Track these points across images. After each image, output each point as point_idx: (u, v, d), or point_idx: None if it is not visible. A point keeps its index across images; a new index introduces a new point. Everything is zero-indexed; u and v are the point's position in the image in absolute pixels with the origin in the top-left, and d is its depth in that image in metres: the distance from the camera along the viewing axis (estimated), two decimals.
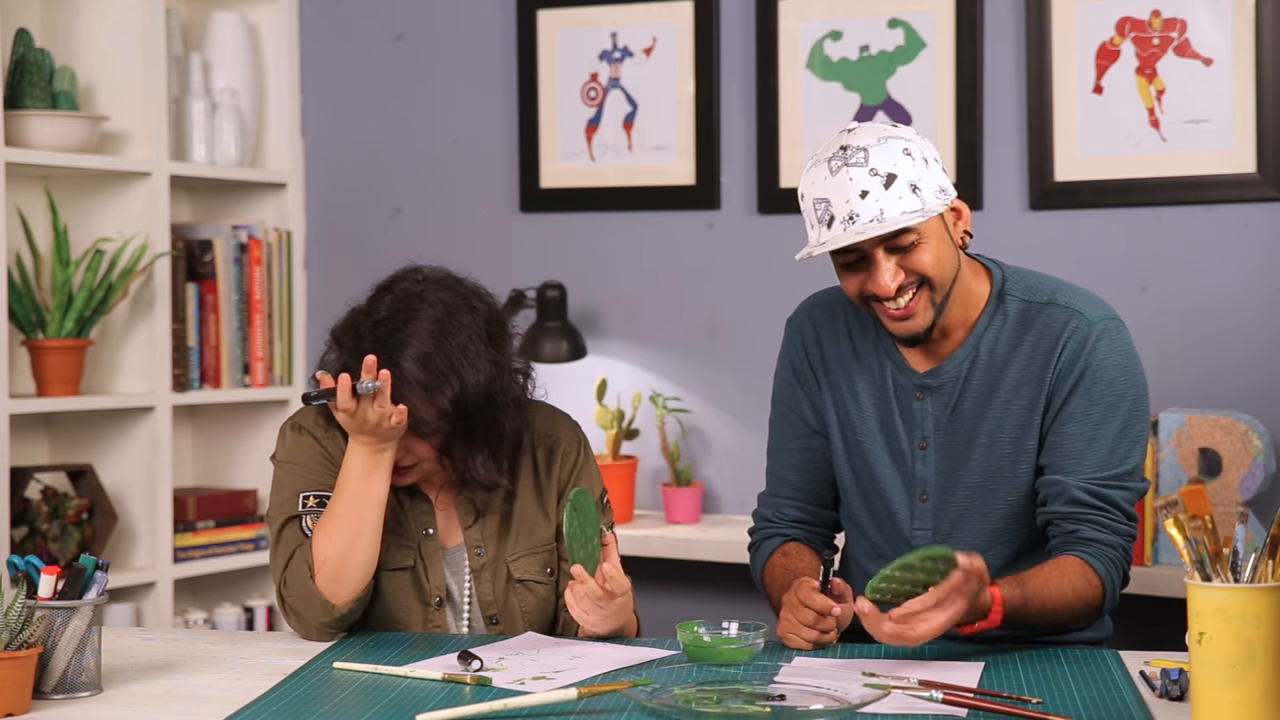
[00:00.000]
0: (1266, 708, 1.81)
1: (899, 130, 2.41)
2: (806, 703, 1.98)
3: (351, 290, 2.65)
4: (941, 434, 2.50)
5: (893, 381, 2.53)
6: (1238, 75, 3.48)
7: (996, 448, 2.47)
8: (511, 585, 2.50)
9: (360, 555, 2.39)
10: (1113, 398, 2.44)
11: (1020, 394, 2.46)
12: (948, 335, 2.50)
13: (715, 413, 3.95)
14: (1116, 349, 2.46)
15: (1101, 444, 2.43)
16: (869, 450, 2.54)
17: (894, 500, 2.52)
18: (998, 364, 2.48)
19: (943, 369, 2.50)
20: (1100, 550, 2.41)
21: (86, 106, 3.94)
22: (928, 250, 2.39)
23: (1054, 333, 2.45)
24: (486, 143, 4.18)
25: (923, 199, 2.36)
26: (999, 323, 2.49)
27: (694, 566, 3.72)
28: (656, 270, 4.02)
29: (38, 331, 3.81)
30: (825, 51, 3.84)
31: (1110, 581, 2.41)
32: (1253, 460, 3.29)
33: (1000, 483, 2.47)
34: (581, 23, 4.05)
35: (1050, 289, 2.50)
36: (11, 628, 2.01)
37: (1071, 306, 2.47)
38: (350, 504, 2.38)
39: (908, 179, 2.36)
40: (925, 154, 2.39)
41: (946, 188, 2.41)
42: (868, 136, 2.38)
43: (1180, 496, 1.88)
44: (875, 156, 2.36)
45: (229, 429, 4.33)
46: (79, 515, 3.82)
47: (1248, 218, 3.51)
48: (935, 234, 2.40)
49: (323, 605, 2.39)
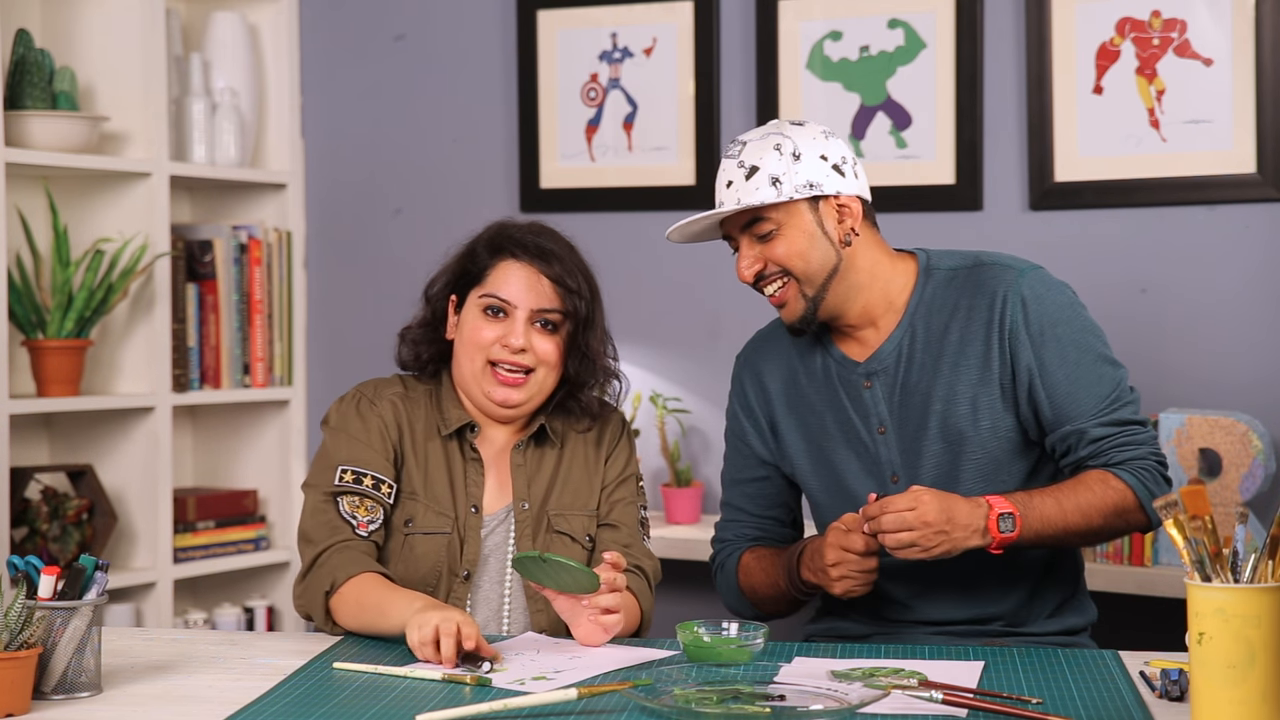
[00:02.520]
0: (1266, 708, 1.81)
1: (791, 128, 2.51)
2: (806, 703, 1.98)
3: (352, 290, 2.66)
4: (896, 414, 2.55)
5: (839, 378, 2.59)
6: (1238, 75, 3.48)
7: (954, 410, 2.52)
8: (550, 536, 2.56)
9: (362, 629, 2.42)
10: (1074, 334, 2.51)
11: (966, 353, 2.52)
12: (874, 323, 2.57)
13: (715, 413, 3.95)
14: (1054, 290, 2.54)
15: (1087, 380, 2.50)
16: (833, 451, 2.59)
17: (864, 493, 2.55)
18: (935, 333, 2.54)
19: (882, 352, 2.56)
20: (1132, 465, 2.47)
21: (86, 107, 3.94)
22: (785, 241, 2.49)
23: (988, 290, 2.53)
24: (487, 143, 4.18)
25: (780, 191, 2.47)
26: (930, 295, 2.56)
27: (694, 567, 3.72)
28: (656, 271, 4.02)
29: (38, 332, 3.81)
30: (825, 52, 3.84)
31: (1141, 486, 2.46)
32: (1252, 460, 3.29)
33: (964, 444, 2.52)
34: (581, 23, 4.05)
35: (974, 256, 2.60)
36: (11, 628, 2.01)
37: (998, 264, 2.56)
38: (378, 623, 2.38)
39: (769, 172, 2.47)
40: (802, 150, 2.48)
41: (819, 183, 2.48)
42: (756, 132, 2.54)
43: (1180, 497, 1.88)
44: (748, 150, 2.51)
45: (229, 429, 4.33)
46: (79, 515, 3.82)
47: (1248, 218, 3.51)
48: (799, 227, 2.49)
49: (326, 619, 2.45)
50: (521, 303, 2.54)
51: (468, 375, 2.57)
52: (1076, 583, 2.64)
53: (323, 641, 2.41)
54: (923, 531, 2.35)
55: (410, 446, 2.56)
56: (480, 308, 2.55)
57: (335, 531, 2.47)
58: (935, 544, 2.36)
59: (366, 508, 2.49)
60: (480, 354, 2.54)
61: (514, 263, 2.55)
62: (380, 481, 2.51)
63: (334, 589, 2.42)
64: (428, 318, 2.63)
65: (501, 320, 2.54)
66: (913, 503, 2.36)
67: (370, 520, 2.49)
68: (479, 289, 2.56)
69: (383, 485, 2.51)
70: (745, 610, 2.68)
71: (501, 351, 2.53)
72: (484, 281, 2.56)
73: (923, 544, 2.35)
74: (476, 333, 2.55)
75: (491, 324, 2.54)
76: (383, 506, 2.51)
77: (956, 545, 2.37)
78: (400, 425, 2.56)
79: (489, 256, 2.57)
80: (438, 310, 2.63)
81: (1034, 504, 2.42)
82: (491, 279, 2.55)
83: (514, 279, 2.55)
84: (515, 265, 2.55)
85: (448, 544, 2.52)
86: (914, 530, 2.35)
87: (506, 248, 2.56)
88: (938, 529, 2.35)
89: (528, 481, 2.58)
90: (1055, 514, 2.43)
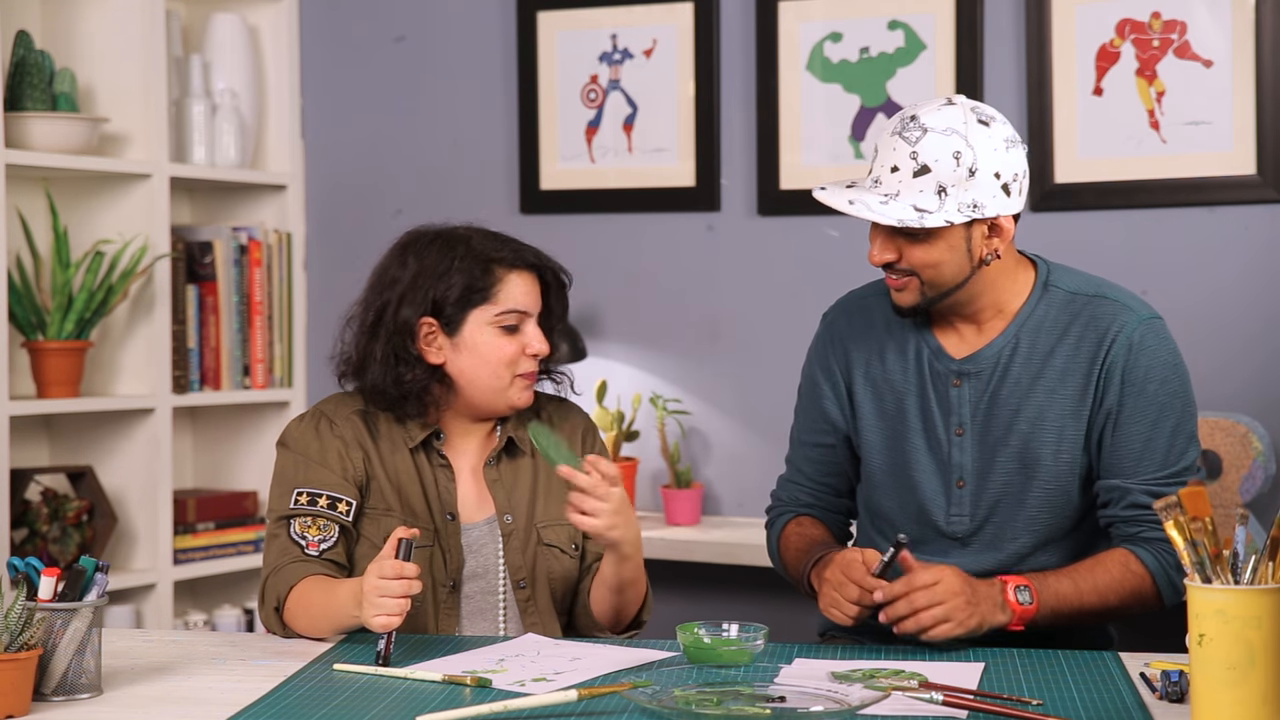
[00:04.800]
0: (1266, 709, 1.81)
1: (977, 131, 2.39)
2: (807, 704, 1.98)
3: (352, 292, 2.65)
4: (979, 420, 2.51)
5: (929, 368, 2.54)
6: (1238, 77, 3.48)
7: (1038, 434, 2.48)
8: (540, 549, 2.55)
9: (320, 634, 2.43)
10: (1166, 396, 2.46)
11: (1066, 383, 2.48)
12: (980, 322, 2.52)
13: (715, 414, 3.95)
14: (1165, 347, 2.49)
15: (1158, 444, 2.45)
16: (905, 438, 2.55)
17: (928, 488, 2.53)
18: (1041, 352, 2.49)
19: (981, 355, 2.51)
20: (1158, 546, 2.44)
21: (86, 108, 3.94)
22: (929, 250, 2.41)
23: (1102, 325, 2.47)
24: (487, 144, 4.18)
25: (943, 204, 2.38)
26: (1043, 311, 2.51)
27: (694, 568, 3.72)
28: (656, 272, 4.02)
29: (38, 333, 3.81)
30: (825, 53, 3.84)
31: (1162, 571, 2.43)
32: (1253, 462, 3.29)
33: (1038, 470, 2.48)
34: (581, 24, 4.05)
35: (1096, 283, 2.53)
36: (12, 629, 2.01)
37: (1120, 301, 2.50)
38: (330, 621, 2.38)
39: (939, 179, 2.38)
40: (980, 165, 2.38)
41: (983, 204, 2.39)
42: (941, 120, 2.40)
43: (1180, 498, 1.88)
44: (926, 142, 2.38)
45: (229, 431, 4.33)
46: (79, 517, 3.82)
47: (1248, 219, 3.51)
48: (945, 239, 2.41)
49: (287, 633, 2.45)
50: (532, 309, 2.56)
51: (489, 391, 2.54)
52: None
53: (323, 643, 2.41)
54: (954, 603, 2.30)
55: (378, 464, 2.53)
56: (497, 326, 2.53)
57: (284, 553, 2.46)
58: (967, 615, 2.31)
59: (319, 527, 2.47)
60: (508, 370, 2.53)
61: (516, 272, 2.55)
62: (336, 501, 2.48)
63: (281, 604, 2.43)
64: (393, 352, 2.53)
65: (517, 333, 2.55)
66: (936, 577, 2.31)
67: (322, 539, 2.46)
68: (487, 308, 2.53)
69: (339, 504, 2.48)
70: (782, 574, 2.68)
71: (529, 363, 2.55)
72: (491, 300, 2.53)
73: (955, 616, 2.30)
74: (501, 351, 2.53)
75: (511, 339, 2.54)
76: (338, 525, 2.47)
77: (985, 619, 2.33)
78: (363, 445, 2.53)
79: (484, 274, 2.53)
80: (407, 339, 2.53)
81: (1049, 583, 2.39)
82: (503, 295, 2.53)
83: (522, 289, 2.55)
84: (519, 274, 2.55)
85: (430, 556, 2.50)
86: (945, 603, 2.30)
87: (501, 261, 2.55)
88: (966, 599, 2.31)
89: (507, 494, 2.57)
90: (1071, 593, 2.40)
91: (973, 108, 2.41)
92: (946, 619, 2.30)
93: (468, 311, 2.53)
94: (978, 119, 2.40)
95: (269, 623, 2.46)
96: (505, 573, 2.53)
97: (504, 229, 2.65)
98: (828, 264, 3.81)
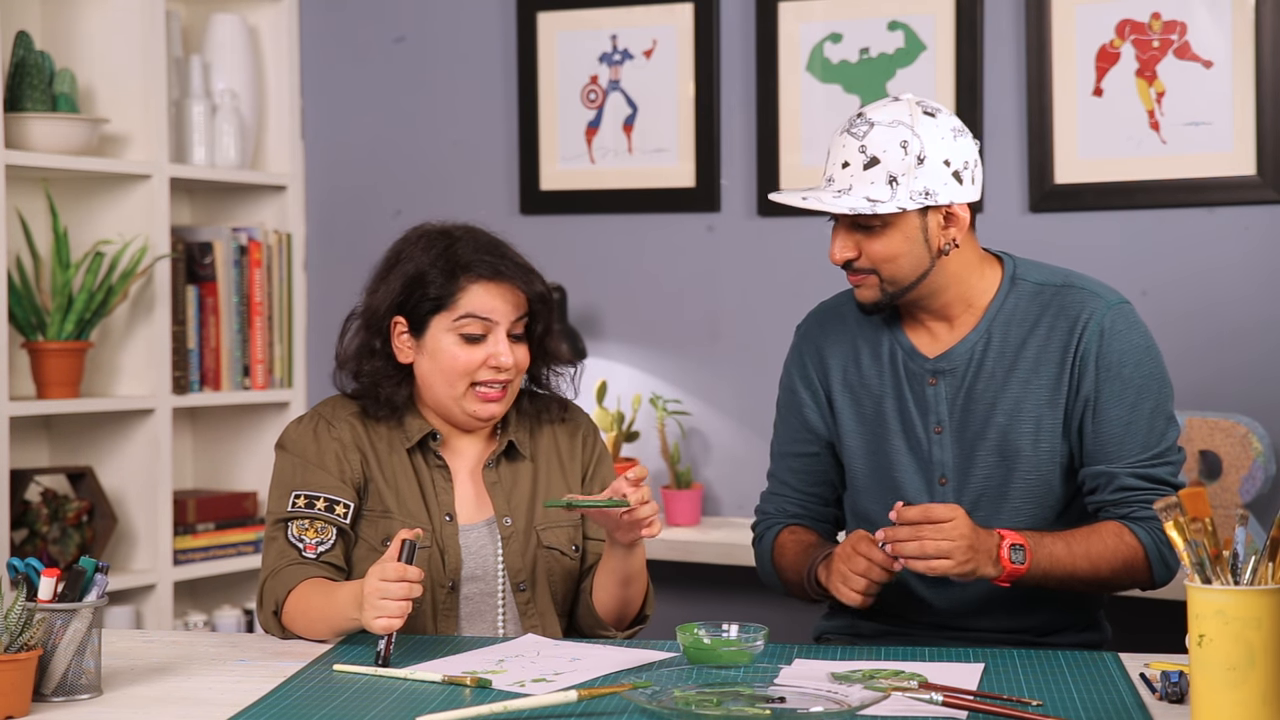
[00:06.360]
0: (1266, 710, 1.81)
1: (923, 121, 2.42)
2: (806, 705, 1.98)
3: (352, 293, 2.65)
4: (957, 417, 2.52)
5: (904, 369, 2.55)
6: (1238, 77, 3.48)
7: (1016, 426, 2.49)
8: (540, 551, 2.54)
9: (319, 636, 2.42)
10: (1141, 378, 2.48)
11: (1040, 373, 2.49)
12: (951, 319, 2.53)
13: (715, 415, 3.95)
14: (1136, 330, 2.50)
15: (1139, 426, 2.47)
16: (886, 440, 2.56)
17: (910, 488, 2.54)
18: (1013, 344, 2.51)
19: (954, 352, 2.52)
20: (1151, 524, 2.45)
21: (86, 109, 3.94)
22: (884, 241, 2.44)
23: (1072, 313, 2.49)
24: (487, 145, 4.18)
25: (895, 193, 2.41)
26: (1013, 304, 2.52)
27: (694, 569, 3.72)
28: (656, 272, 4.02)
29: (38, 334, 3.81)
30: (825, 54, 3.84)
31: (1154, 548, 2.45)
32: (1253, 463, 3.29)
33: (1019, 462, 2.50)
34: (581, 25, 4.05)
35: (1064, 274, 2.55)
36: (11, 630, 2.01)
37: (1088, 289, 2.52)
38: (329, 624, 2.38)
39: (889, 169, 2.41)
40: (928, 152, 2.41)
41: (934, 191, 2.42)
42: (887, 114, 2.44)
43: (1180, 499, 1.88)
44: (874, 135, 2.42)
45: (229, 431, 4.33)
46: (79, 517, 3.82)
47: (1248, 220, 3.51)
48: (901, 230, 2.44)
49: (287, 636, 2.45)
50: (503, 318, 2.50)
51: (445, 399, 2.52)
52: (1101, 603, 2.63)
53: (323, 644, 2.41)
54: (959, 544, 2.32)
55: (376, 466, 2.52)
56: (456, 333, 2.49)
57: (281, 556, 2.45)
58: (965, 559, 2.32)
59: (316, 529, 2.46)
60: (463, 380, 2.50)
61: (483, 282, 2.50)
62: (334, 503, 2.48)
63: (279, 607, 2.42)
64: (373, 347, 2.55)
65: (480, 342, 2.50)
66: (951, 515, 2.33)
67: (320, 541, 2.46)
68: (447, 315, 2.49)
69: (337, 506, 2.47)
70: (775, 586, 2.67)
71: (489, 373, 2.50)
72: (452, 306, 2.49)
73: (956, 557, 2.32)
74: (456, 360, 2.49)
75: (471, 348, 2.49)
76: (335, 527, 2.47)
77: (978, 569, 2.35)
78: (361, 447, 2.52)
79: (448, 281, 2.49)
80: (382, 337, 2.55)
81: (1044, 543, 2.40)
82: (464, 302, 2.49)
83: (489, 297, 2.50)
84: (485, 284, 2.50)
85: (428, 557, 2.50)
86: (953, 542, 2.31)
87: (469, 268, 2.50)
88: (970, 543, 2.33)
89: (506, 497, 2.56)
90: (1064, 556, 2.41)
91: (918, 101, 2.46)
92: (948, 556, 2.32)
93: (432, 315, 2.51)
94: (923, 110, 2.44)
95: (267, 626, 2.46)
96: (504, 575, 2.53)
97: (504, 230, 2.64)
98: (827, 265, 3.77)
